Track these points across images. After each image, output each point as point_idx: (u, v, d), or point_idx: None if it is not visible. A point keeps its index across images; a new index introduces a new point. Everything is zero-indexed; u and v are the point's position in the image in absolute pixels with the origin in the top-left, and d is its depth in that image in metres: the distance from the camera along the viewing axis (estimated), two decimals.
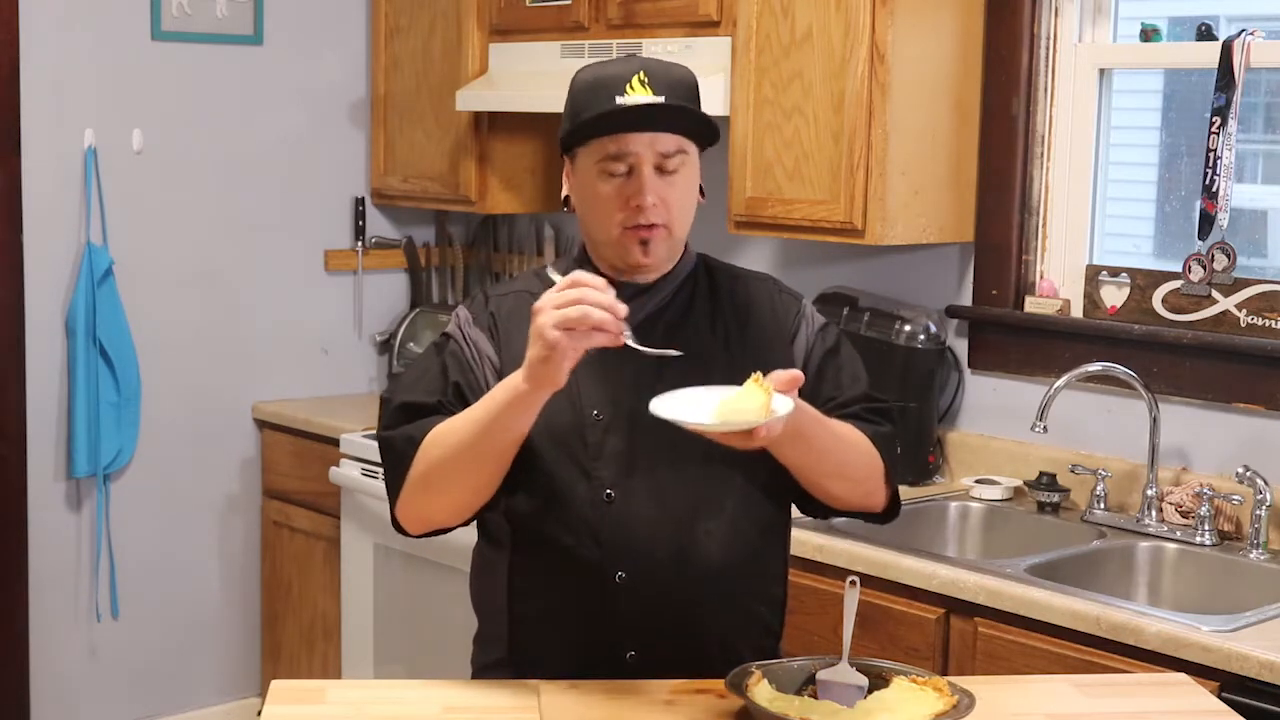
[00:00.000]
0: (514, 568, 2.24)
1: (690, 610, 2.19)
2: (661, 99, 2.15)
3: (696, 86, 2.23)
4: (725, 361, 2.22)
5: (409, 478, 2.16)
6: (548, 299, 1.98)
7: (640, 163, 2.15)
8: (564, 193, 2.27)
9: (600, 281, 1.99)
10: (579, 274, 2.01)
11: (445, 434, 2.12)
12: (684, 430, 2.04)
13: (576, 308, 1.95)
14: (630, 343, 2.00)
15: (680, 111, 2.16)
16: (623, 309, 1.98)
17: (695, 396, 2.03)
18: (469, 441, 2.09)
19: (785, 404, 1.98)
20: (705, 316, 2.27)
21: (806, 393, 2.16)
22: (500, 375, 2.18)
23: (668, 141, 2.16)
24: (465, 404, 2.16)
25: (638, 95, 2.14)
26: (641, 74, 2.16)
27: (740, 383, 2.00)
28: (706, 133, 2.20)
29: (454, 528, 2.21)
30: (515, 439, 2.10)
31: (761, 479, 2.23)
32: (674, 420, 1.98)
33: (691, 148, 2.20)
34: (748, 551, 2.23)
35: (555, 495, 2.17)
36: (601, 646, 2.19)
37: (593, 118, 2.15)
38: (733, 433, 1.97)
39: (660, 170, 2.16)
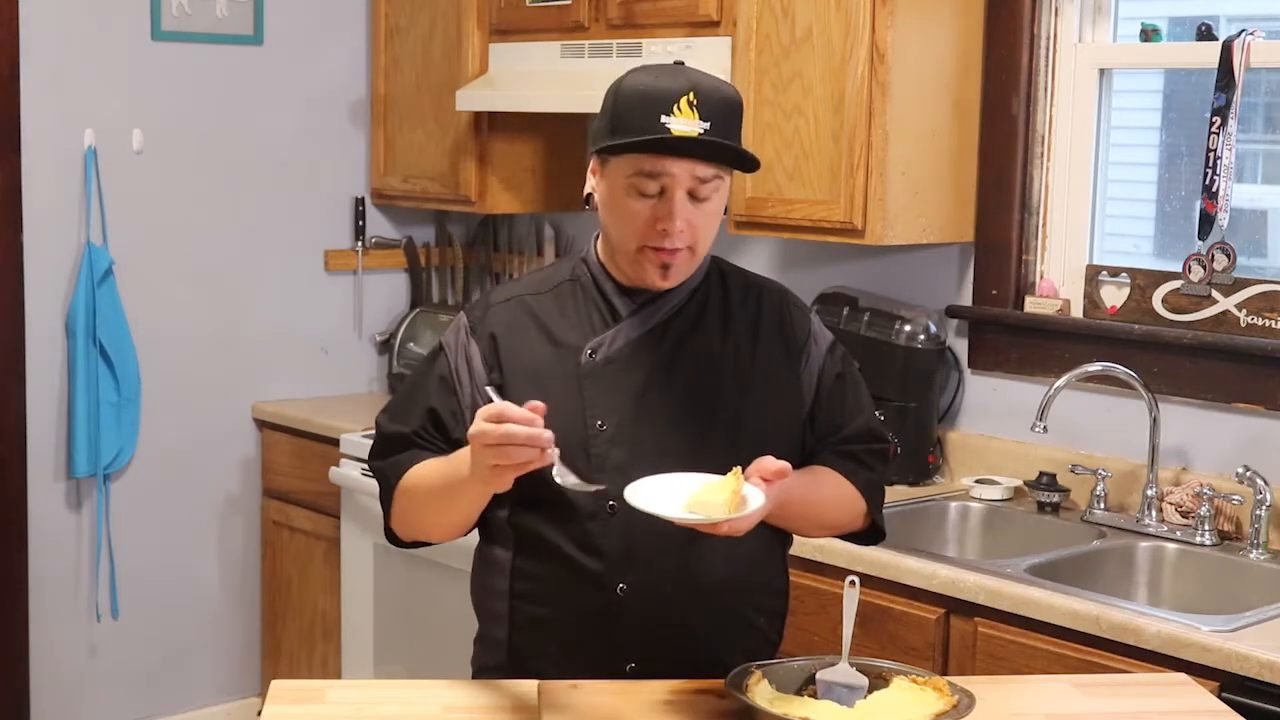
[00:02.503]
0: (515, 572, 2.24)
1: (691, 623, 2.19)
2: (708, 124, 2.09)
3: (741, 108, 2.20)
4: (734, 373, 2.23)
5: (392, 511, 2.28)
6: (478, 431, 1.97)
7: (674, 185, 2.12)
8: (587, 189, 2.23)
9: (522, 413, 1.95)
10: (503, 407, 1.96)
11: (414, 485, 2.21)
12: (689, 439, 2.14)
13: (502, 450, 1.95)
14: (558, 477, 1.99)
15: (725, 147, 2.12)
16: (548, 436, 1.95)
17: (673, 483, 2.05)
18: (432, 504, 2.20)
19: (756, 498, 2.01)
20: (717, 326, 2.25)
21: (811, 415, 2.29)
22: (498, 389, 2.16)
23: (706, 169, 2.13)
24: (441, 430, 2.23)
25: (685, 119, 2.09)
26: (692, 95, 2.10)
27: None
28: (747, 166, 2.17)
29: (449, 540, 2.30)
30: (475, 508, 2.19)
31: None
32: (645, 510, 2.00)
33: (727, 173, 2.17)
34: (748, 565, 2.24)
35: (558, 506, 2.17)
36: (601, 656, 2.19)
37: (638, 141, 2.10)
38: (702, 524, 2.00)
39: (693, 195, 2.13)
